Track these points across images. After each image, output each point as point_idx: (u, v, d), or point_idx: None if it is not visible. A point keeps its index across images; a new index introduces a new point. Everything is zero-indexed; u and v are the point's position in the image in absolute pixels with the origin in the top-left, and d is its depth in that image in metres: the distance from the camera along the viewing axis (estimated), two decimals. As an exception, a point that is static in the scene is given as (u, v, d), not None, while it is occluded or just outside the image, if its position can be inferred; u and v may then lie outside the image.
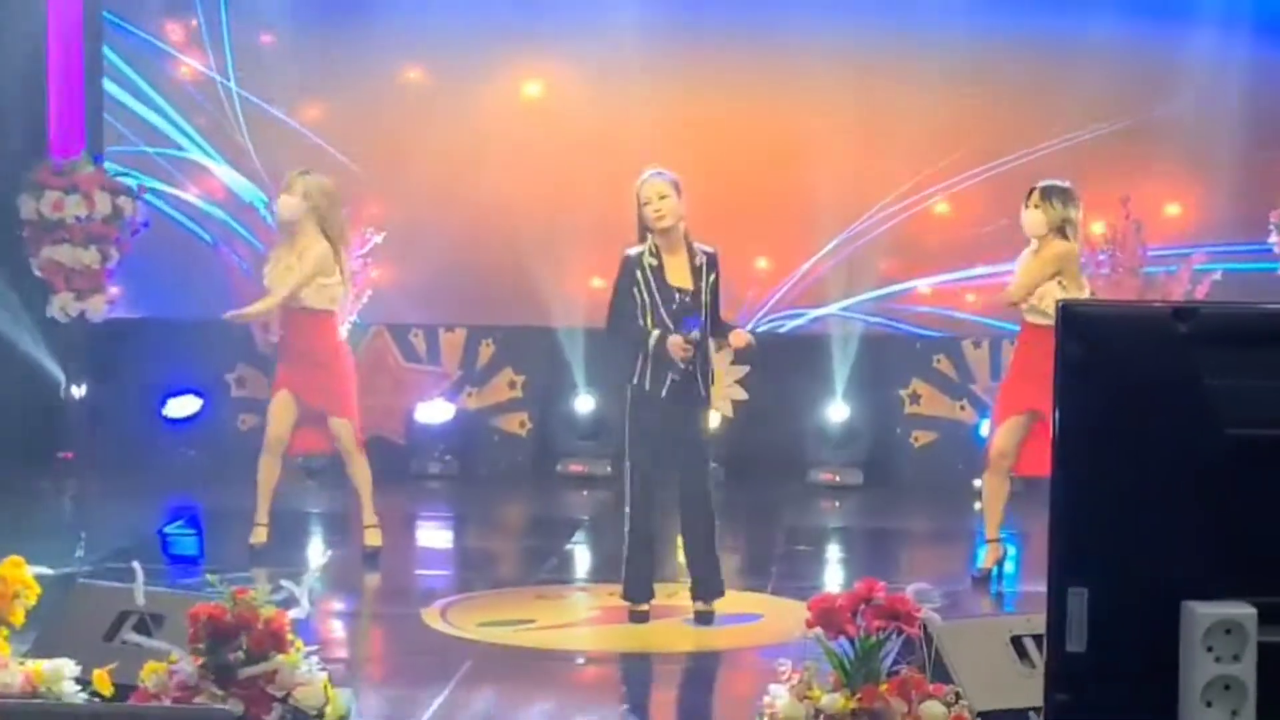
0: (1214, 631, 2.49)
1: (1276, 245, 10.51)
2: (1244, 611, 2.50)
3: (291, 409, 8.74)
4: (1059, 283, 8.09)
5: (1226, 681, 2.49)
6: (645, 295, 7.52)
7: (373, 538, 8.91)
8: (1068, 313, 2.55)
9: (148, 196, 11.41)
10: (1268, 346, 2.56)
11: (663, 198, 7.52)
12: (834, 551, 9.86)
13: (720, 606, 7.80)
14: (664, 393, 7.51)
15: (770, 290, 11.67)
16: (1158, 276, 10.92)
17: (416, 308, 11.80)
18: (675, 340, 7.43)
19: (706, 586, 7.75)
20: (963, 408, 11.65)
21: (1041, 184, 8.21)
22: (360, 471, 8.86)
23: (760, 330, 11.50)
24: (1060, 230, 8.11)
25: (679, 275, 7.54)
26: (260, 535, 8.84)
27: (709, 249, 7.68)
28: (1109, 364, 2.54)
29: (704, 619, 7.72)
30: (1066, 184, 8.20)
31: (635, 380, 7.58)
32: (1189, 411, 2.53)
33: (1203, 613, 2.49)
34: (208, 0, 11.79)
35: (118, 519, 10.33)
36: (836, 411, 11.56)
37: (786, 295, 11.73)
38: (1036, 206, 8.13)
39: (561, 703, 6.82)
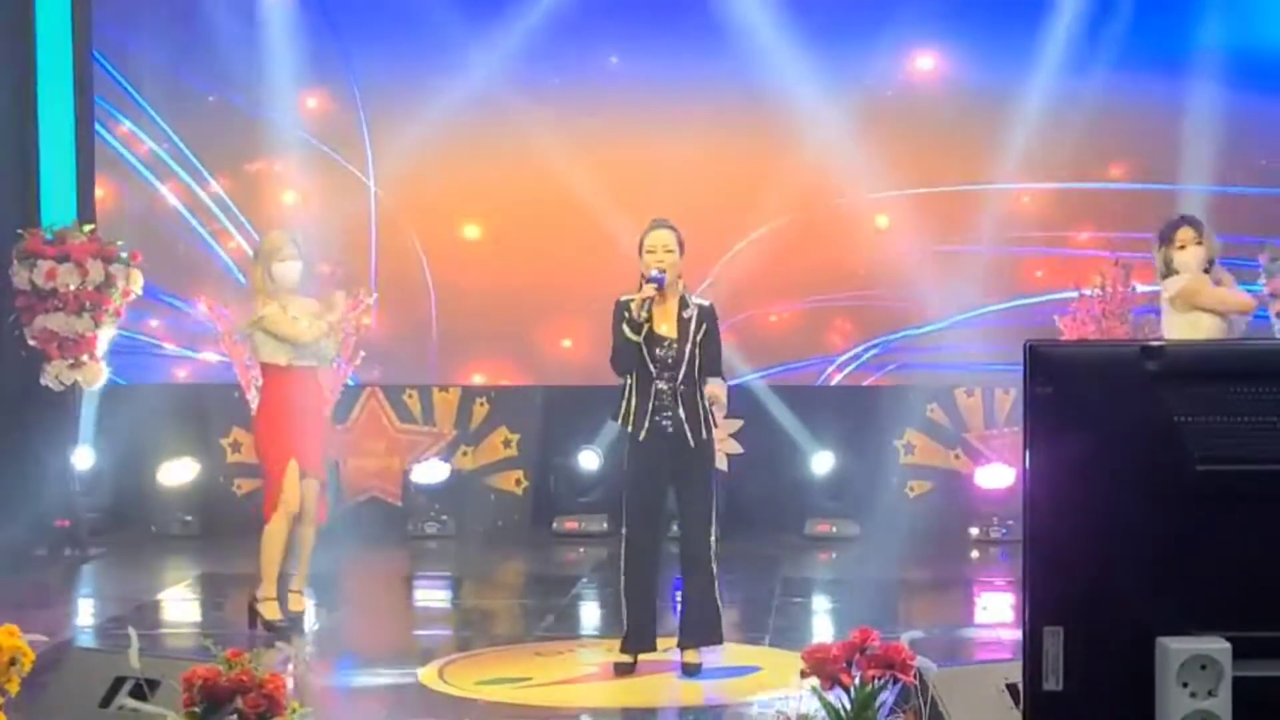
0: (1189, 667, 2.50)
1: (1264, 285, 10.53)
2: (1218, 646, 2.51)
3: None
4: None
5: (1203, 716, 2.50)
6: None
7: (297, 603, 8.60)
8: (1035, 353, 2.57)
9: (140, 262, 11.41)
10: (1235, 382, 2.58)
11: (668, 250, 7.54)
12: (831, 602, 9.85)
13: (718, 659, 7.78)
14: (644, 435, 7.52)
15: (764, 341, 11.69)
16: (1148, 318, 10.91)
17: (410, 368, 11.83)
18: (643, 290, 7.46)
19: (692, 635, 7.72)
20: (957, 456, 11.67)
21: (1191, 219, 8.41)
22: (308, 538, 8.59)
23: (757, 382, 11.54)
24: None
25: (665, 324, 7.56)
26: (282, 608, 8.58)
27: (704, 302, 7.71)
28: (1078, 403, 2.55)
29: (690, 670, 7.68)
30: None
31: (619, 420, 7.60)
32: (1159, 448, 2.55)
33: (1177, 648, 2.50)
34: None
35: (113, 585, 10.32)
36: (831, 462, 11.56)
37: (780, 347, 11.76)
38: (1200, 243, 8.32)
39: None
